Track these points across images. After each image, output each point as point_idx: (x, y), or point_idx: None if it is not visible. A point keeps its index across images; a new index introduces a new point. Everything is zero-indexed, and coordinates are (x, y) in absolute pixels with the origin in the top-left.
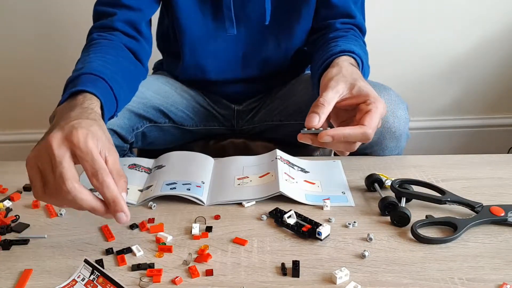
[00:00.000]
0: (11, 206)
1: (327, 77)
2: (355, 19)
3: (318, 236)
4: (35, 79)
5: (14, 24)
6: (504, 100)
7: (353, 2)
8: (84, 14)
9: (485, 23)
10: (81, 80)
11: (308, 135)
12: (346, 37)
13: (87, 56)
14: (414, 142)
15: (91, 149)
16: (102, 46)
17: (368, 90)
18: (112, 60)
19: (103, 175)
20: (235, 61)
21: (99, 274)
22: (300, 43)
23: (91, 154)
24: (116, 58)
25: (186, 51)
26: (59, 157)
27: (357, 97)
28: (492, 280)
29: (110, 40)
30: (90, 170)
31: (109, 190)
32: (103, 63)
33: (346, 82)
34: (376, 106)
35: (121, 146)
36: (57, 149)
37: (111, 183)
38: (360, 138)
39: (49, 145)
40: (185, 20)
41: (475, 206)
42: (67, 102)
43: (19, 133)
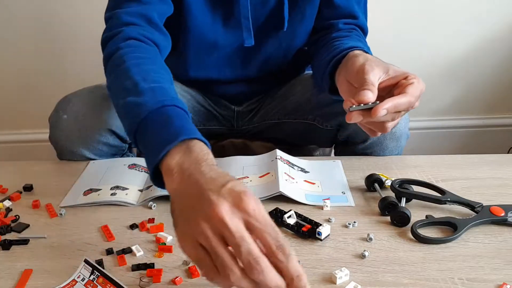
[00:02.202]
0: (11, 206)
1: (355, 65)
2: (358, 19)
3: (318, 236)
4: (35, 79)
5: (14, 24)
6: (504, 100)
7: (357, 2)
8: (83, 14)
9: (485, 23)
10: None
11: (359, 112)
12: (350, 37)
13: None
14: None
15: (269, 219)
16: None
17: (404, 70)
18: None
19: (288, 248)
20: (237, 61)
21: (99, 274)
22: (301, 43)
23: (271, 225)
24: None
25: (191, 53)
26: (238, 232)
27: (395, 77)
28: (492, 280)
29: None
30: (274, 243)
31: (293, 264)
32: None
33: (379, 66)
34: (418, 80)
35: (119, 146)
36: (232, 222)
37: (293, 256)
38: (406, 106)
39: (219, 217)
40: (195, 22)
41: (475, 206)
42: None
43: (19, 133)
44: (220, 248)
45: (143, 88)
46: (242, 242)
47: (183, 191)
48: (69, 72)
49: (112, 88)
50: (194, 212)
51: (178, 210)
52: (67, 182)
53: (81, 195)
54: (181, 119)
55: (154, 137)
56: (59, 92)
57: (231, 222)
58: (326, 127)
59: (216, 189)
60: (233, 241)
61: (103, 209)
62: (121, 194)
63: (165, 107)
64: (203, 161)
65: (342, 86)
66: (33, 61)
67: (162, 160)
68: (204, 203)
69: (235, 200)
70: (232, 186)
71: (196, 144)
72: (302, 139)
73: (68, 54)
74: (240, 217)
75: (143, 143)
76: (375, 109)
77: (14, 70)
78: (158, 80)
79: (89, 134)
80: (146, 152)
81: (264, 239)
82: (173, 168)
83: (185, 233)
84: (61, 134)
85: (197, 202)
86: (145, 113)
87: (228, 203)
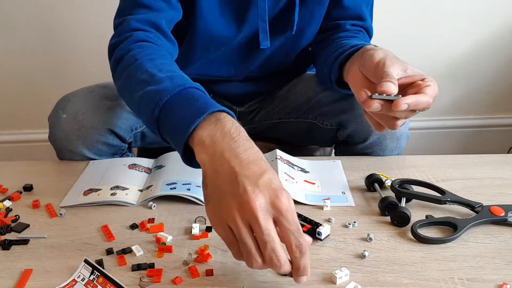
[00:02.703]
0: (11, 206)
1: (375, 58)
2: (365, 21)
3: (318, 236)
4: (35, 79)
5: (14, 24)
6: (504, 100)
7: (365, 4)
8: (83, 14)
9: (485, 23)
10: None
11: (379, 100)
12: (357, 38)
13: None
14: (414, 142)
15: (297, 220)
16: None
17: (421, 71)
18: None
19: (306, 247)
20: (242, 59)
21: (99, 274)
22: (307, 43)
23: (297, 226)
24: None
25: (197, 51)
26: (267, 230)
27: (412, 76)
28: (492, 280)
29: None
30: (295, 242)
31: (305, 258)
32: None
33: (398, 63)
34: (434, 83)
35: (119, 145)
36: (264, 220)
37: (307, 251)
38: (424, 105)
39: (252, 211)
40: (205, 22)
41: (475, 206)
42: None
43: (19, 133)
44: (248, 239)
45: (161, 77)
46: (269, 240)
47: (216, 168)
48: (69, 72)
49: (126, 85)
50: (227, 196)
51: (210, 186)
52: (67, 182)
53: (81, 195)
54: (205, 97)
55: (180, 116)
56: (59, 92)
57: (262, 218)
58: (326, 126)
59: (254, 179)
60: (261, 236)
61: (103, 209)
62: (121, 194)
63: (186, 89)
64: (236, 134)
65: (355, 79)
66: (33, 61)
67: (192, 134)
68: (239, 190)
69: (271, 196)
70: (270, 179)
71: (226, 116)
72: (302, 139)
73: (68, 54)
74: (271, 214)
75: (169, 125)
76: (397, 102)
77: (14, 70)
78: (173, 70)
79: (88, 134)
80: (172, 133)
81: (288, 237)
82: (205, 139)
83: (216, 215)
84: (61, 133)
85: (231, 186)
86: (167, 97)
87: (264, 197)
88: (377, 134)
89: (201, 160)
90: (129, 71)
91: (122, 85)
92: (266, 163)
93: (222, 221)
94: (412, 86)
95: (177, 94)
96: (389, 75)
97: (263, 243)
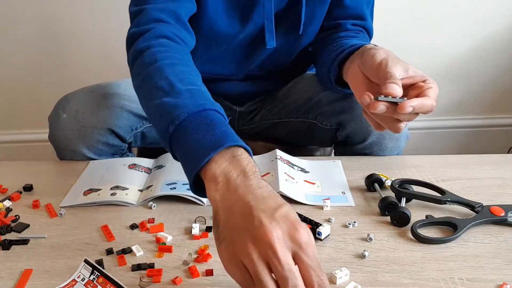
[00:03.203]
0: (11, 206)
1: (377, 58)
2: (365, 21)
3: (318, 236)
4: (34, 79)
5: (14, 24)
6: (504, 100)
7: (366, 4)
8: (83, 14)
9: (485, 24)
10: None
11: (384, 102)
12: (358, 38)
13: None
14: (414, 142)
15: (317, 255)
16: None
17: (422, 72)
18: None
19: (328, 286)
20: (243, 58)
21: (99, 274)
22: (308, 42)
23: (318, 262)
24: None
25: (200, 47)
26: (288, 264)
27: (413, 77)
28: (492, 280)
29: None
30: (317, 280)
31: None
32: (204, 88)
33: (400, 63)
34: (435, 85)
35: (119, 145)
36: (282, 252)
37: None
38: (429, 108)
39: (270, 243)
40: (210, 19)
41: (475, 206)
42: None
43: (19, 133)
44: (265, 276)
45: (181, 89)
46: (290, 276)
47: (229, 205)
48: (69, 72)
49: (143, 87)
50: (241, 231)
51: (223, 224)
52: (67, 182)
53: (81, 195)
54: (223, 125)
55: (195, 141)
56: (59, 92)
57: (281, 251)
58: (326, 126)
59: (270, 212)
60: (281, 272)
61: (103, 209)
62: (121, 194)
63: (206, 111)
64: (251, 173)
65: (355, 78)
66: (33, 61)
67: (206, 166)
68: (254, 223)
69: (289, 229)
70: (286, 212)
71: (243, 153)
72: (302, 139)
73: (68, 54)
74: (290, 248)
75: (182, 147)
76: (402, 105)
77: (14, 70)
78: (194, 82)
79: (88, 134)
80: (185, 157)
81: (309, 275)
82: (218, 176)
83: (230, 253)
84: (61, 133)
85: (245, 220)
86: (184, 115)
87: (281, 229)
88: (376, 135)
89: (212, 197)
90: (148, 72)
91: (139, 86)
92: (281, 199)
93: (236, 258)
94: (413, 88)
95: (195, 115)
96: (392, 76)
97: (284, 280)
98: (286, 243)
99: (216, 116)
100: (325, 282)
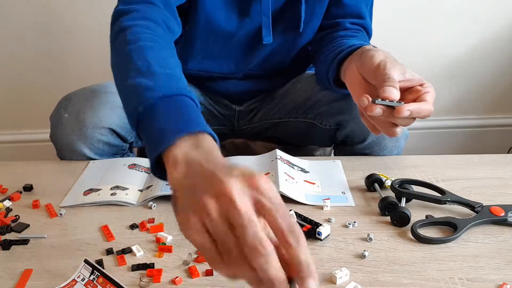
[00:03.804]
0: (11, 206)
1: (375, 60)
2: (364, 20)
3: (318, 236)
4: (35, 79)
5: (14, 24)
6: (504, 100)
7: (365, 3)
8: (84, 14)
9: (485, 23)
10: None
11: (381, 106)
12: (357, 38)
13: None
14: (414, 142)
15: (281, 200)
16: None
17: (419, 76)
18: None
19: (302, 236)
20: (240, 57)
21: (99, 274)
22: (307, 41)
23: (283, 206)
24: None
25: (197, 44)
26: (247, 213)
27: (411, 80)
28: (492, 280)
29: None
30: (286, 226)
31: (305, 252)
32: (180, 73)
33: (398, 66)
34: (432, 89)
35: (120, 145)
36: (240, 201)
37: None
38: (426, 113)
39: (228, 195)
40: (208, 13)
41: (475, 206)
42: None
43: (19, 133)
44: (226, 233)
45: (156, 71)
46: (250, 224)
47: (188, 182)
48: (69, 72)
49: (120, 64)
50: (199, 191)
51: (181, 197)
52: (67, 182)
53: (81, 195)
54: (193, 111)
55: (161, 124)
56: (59, 92)
57: (240, 200)
58: (325, 126)
59: (227, 171)
60: (240, 221)
61: (103, 209)
62: (121, 194)
63: (178, 96)
64: (214, 158)
65: (353, 79)
66: (33, 60)
67: (168, 149)
68: (212, 181)
69: (246, 178)
70: (244, 168)
71: (207, 139)
72: (302, 139)
73: (68, 54)
74: (250, 195)
75: (147, 129)
76: (399, 109)
77: (14, 70)
78: (172, 66)
79: (90, 133)
80: (149, 139)
81: (275, 221)
82: (179, 159)
83: (188, 215)
84: (62, 133)
85: (204, 183)
86: (155, 98)
87: (238, 181)
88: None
89: (172, 179)
90: (127, 50)
91: (117, 61)
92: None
93: (195, 220)
94: (410, 92)
95: (165, 99)
96: (390, 79)
97: (244, 228)
98: (245, 192)
99: (187, 102)
100: (296, 229)
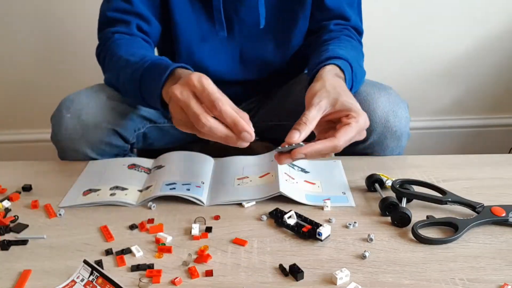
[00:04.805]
0: (10, 207)
1: (311, 92)
2: (350, 21)
3: (319, 237)
4: (35, 79)
5: (14, 24)
6: (504, 100)
7: (348, 4)
8: (84, 14)
9: (485, 23)
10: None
11: (282, 155)
12: (338, 39)
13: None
14: (414, 142)
15: (207, 86)
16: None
17: (351, 104)
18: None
19: (220, 105)
20: (233, 63)
21: (98, 275)
22: (298, 44)
23: (207, 89)
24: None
25: (183, 52)
26: (185, 102)
27: (339, 111)
28: (493, 280)
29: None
30: (208, 103)
31: (227, 115)
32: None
33: (329, 98)
34: (356, 120)
35: (122, 146)
36: (181, 96)
37: (228, 109)
38: (331, 150)
39: (174, 96)
40: (180, 21)
41: (476, 206)
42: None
43: (19, 133)
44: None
45: (146, 54)
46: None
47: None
48: (70, 72)
49: (113, 73)
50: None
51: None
52: (66, 182)
53: (80, 195)
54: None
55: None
56: (59, 92)
57: (180, 96)
58: None
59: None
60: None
61: (102, 209)
62: (121, 194)
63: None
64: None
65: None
66: (33, 61)
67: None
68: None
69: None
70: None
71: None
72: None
73: (69, 54)
74: (189, 90)
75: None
76: (293, 152)
77: (15, 70)
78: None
79: (92, 134)
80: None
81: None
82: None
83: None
84: (64, 133)
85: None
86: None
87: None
88: (377, 134)
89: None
90: (111, 58)
91: (108, 69)
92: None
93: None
94: (340, 122)
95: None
96: (302, 119)
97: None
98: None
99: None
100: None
